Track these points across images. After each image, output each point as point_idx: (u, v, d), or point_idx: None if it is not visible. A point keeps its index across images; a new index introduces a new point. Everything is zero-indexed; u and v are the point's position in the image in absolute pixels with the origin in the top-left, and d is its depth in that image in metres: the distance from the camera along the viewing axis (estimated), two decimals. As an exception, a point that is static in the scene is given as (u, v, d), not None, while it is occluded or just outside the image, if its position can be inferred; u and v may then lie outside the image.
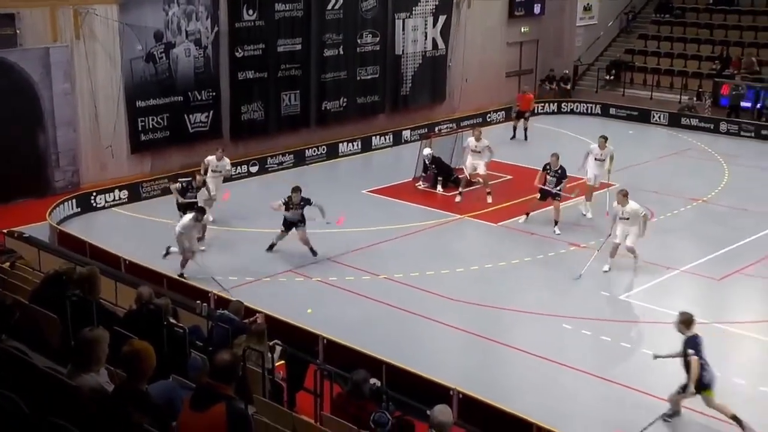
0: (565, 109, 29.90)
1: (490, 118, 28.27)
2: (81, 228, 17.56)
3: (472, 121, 26.80)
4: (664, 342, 11.25)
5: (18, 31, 18.62)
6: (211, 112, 22.20)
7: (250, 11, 22.42)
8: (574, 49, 31.73)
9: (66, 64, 19.48)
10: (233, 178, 20.11)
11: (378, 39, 25.65)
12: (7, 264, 12.27)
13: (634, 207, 15.27)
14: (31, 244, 14.31)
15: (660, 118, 28.01)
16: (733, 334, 13.41)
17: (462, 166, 20.29)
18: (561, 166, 17.63)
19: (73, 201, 18.76)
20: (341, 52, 24.73)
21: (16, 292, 9.11)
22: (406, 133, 25.85)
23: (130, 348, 5.46)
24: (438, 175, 20.78)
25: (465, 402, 10.15)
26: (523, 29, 30.72)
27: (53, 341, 7.36)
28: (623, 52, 31.70)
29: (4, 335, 6.15)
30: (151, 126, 21.17)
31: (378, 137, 25.26)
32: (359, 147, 24.64)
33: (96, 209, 19.06)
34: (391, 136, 25.55)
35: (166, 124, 21.39)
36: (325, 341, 11.57)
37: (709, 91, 28.37)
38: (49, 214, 17.33)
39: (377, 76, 25.92)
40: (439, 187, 20.69)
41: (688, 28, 31.49)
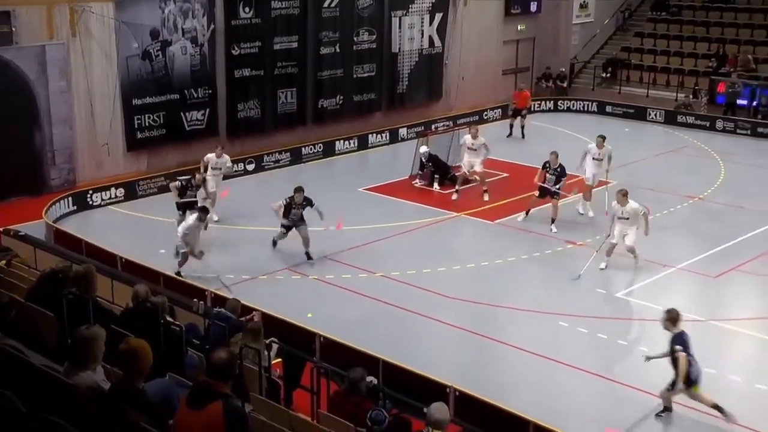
0: (561, 107, 29.90)
1: (486, 115, 28.27)
2: (77, 226, 17.52)
3: (468, 119, 26.74)
4: (660, 339, 11.25)
5: (14, 29, 18.54)
6: (208, 109, 22.16)
7: (247, 9, 22.38)
8: (570, 46, 31.77)
9: (62, 62, 19.43)
10: (230, 176, 20.05)
11: (374, 37, 25.63)
12: (3, 262, 12.20)
13: (633, 206, 15.25)
14: (27, 242, 14.28)
15: (656, 115, 28.02)
16: (728, 331, 13.48)
17: (459, 164, 20.31)
18: (560, 164, 17.63)
19: (70, 199, 18.71)
20: (338, 50, 24.70)
21: (13, 291, 9.10)
22: (403, 131, 25.83)
23: (126, 346, 5.46)
24: (435, 172, 20.79)
25: (461, 399, 10.16)
26: (519, 27, 30.71)
27: (50, 339, 7.36)
28: (619, 50, 31.71)
29: (0, 333, 6.15)
30: (147, 124, 21.12)
31: (374, 135, 25.23)
32: (356, 145, 24.61)
33: (92, 207, 19.02)
34: (388, 134, 25.53)
35: (162, 121, 21.34)
36: (321, 339, 11.56)
37: (706, 89, 28.41)
38: (45, 212, 17.30)
39: (374, 73, 25.90)
40: (436, 185, 20.70)
41: (685, 26, 31.49)
